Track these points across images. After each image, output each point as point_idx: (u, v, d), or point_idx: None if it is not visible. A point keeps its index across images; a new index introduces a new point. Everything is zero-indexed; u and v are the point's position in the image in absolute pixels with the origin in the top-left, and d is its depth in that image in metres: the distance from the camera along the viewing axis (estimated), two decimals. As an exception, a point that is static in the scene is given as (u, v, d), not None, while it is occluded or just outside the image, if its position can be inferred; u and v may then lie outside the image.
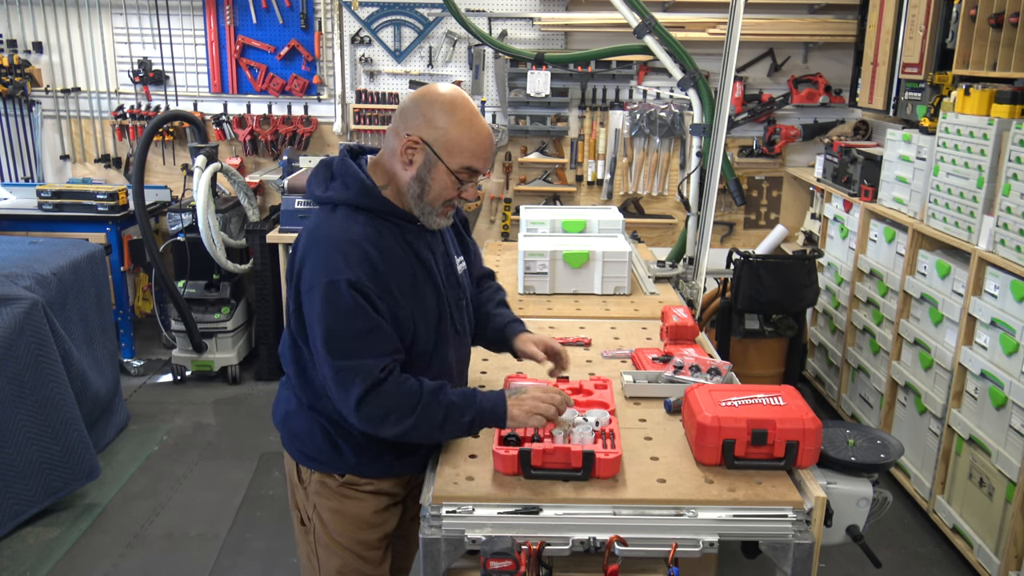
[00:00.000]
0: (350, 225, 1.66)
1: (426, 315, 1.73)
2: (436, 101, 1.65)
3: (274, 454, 3.77)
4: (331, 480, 1.82)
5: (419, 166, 1.66)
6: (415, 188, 1.68)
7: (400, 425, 1.62)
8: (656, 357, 2.25)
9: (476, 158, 1.67)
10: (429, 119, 1.65)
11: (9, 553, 3.01)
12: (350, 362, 1.60)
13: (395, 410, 1.61)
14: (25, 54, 4.96)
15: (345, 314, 1.59)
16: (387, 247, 1.67)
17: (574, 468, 1.64)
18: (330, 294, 1.58)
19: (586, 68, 4.81)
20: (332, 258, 1.60)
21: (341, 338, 1.59)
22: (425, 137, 1.65)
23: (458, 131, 1.64)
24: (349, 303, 1.58)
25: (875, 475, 1.74)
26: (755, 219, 5.22)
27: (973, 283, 2.97)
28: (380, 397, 1.60)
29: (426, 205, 1.69)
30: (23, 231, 4.43)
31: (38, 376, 3.14)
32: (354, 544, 1.85)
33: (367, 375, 1.59)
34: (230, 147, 5.09)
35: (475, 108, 1.69)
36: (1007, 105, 2.87)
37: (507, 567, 1.50)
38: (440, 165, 1.65)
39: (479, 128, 1.67)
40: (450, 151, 1.65)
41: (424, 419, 1.63)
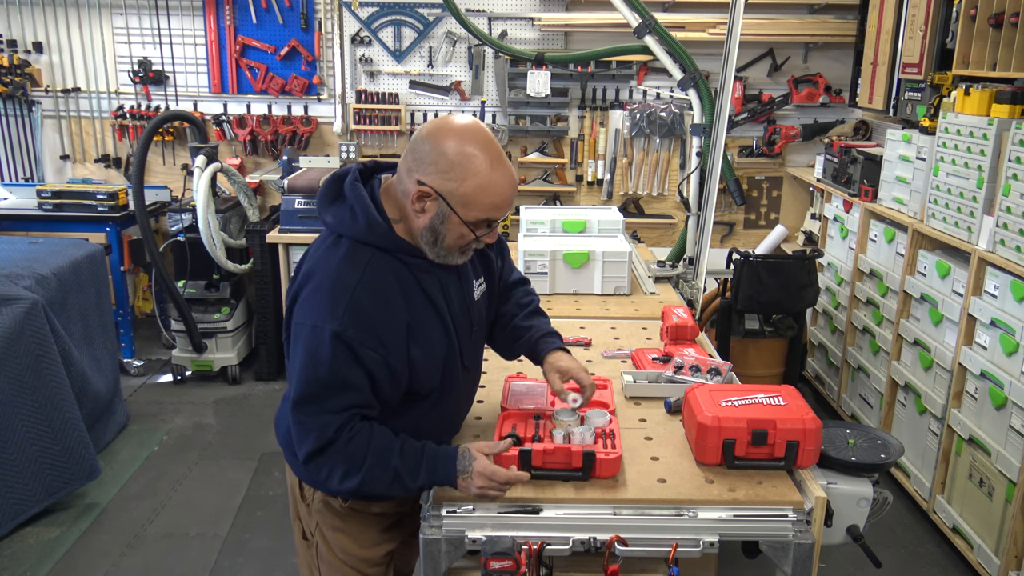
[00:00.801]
0: (350, 267, 1.55)
1: (431, 357, 1.64)
2: (451, 145, 1.50)
3: (274, 454, 3.77)
4: (335, 501, 1.77)
5: (432, 216, 1.54)
6: (428, 236, 1.56)
7: (349, 482, 1.56)
8: (656, 357, 2.25)
9: (496, 210, 1.54)
10: (443, 168, 1.50)
11: (9, 553, 3.01)
12: (310, 416, 1.53)
13: (336, 468, 1.55)
14: (25, 54, 4.96)
15: (320, 363, 1.51)
16: (387, 292, 1.56)
17: (574, 468, 1.64)
18: (312, 339, 1.51)
19: (586, 68, 4.82)
20: (323, 301, 1.52)
21: (311, 384, 1.52)
22: (438, 188, 1.50)
23: (475, 183, 1.50)
24: (327, 353, 1.50)
25: (875, 475, 1.74)
26: (755, 219, 5.22)
27: (973, 283, 2.97)
28: (327, 456, 1.54)
29: (441, 251, 1.58)
30: (23, 231, 4.43)
31: (38, 376, 3.14)
32: (356, 562, 1.83)
33: (320, 434, 1.52)
34: (230, 147, 5.09)
35: (495, 150, 1.53)
36: (1007, 105, 2.87)
37: (507, 567, 1.50)
38: (454, 217, 1.53)
39: (499, 178, 1.52)
40: (466, 205, 1.51)
41: (370, 480, 1.55)
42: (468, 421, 1.92)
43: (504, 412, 1.86)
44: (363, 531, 1.81)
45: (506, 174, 1.54)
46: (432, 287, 1.63)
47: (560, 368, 1.79)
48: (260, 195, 5.05)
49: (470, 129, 1.53)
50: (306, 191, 4.36)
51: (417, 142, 1.54)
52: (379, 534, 1.83)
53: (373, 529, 1.82)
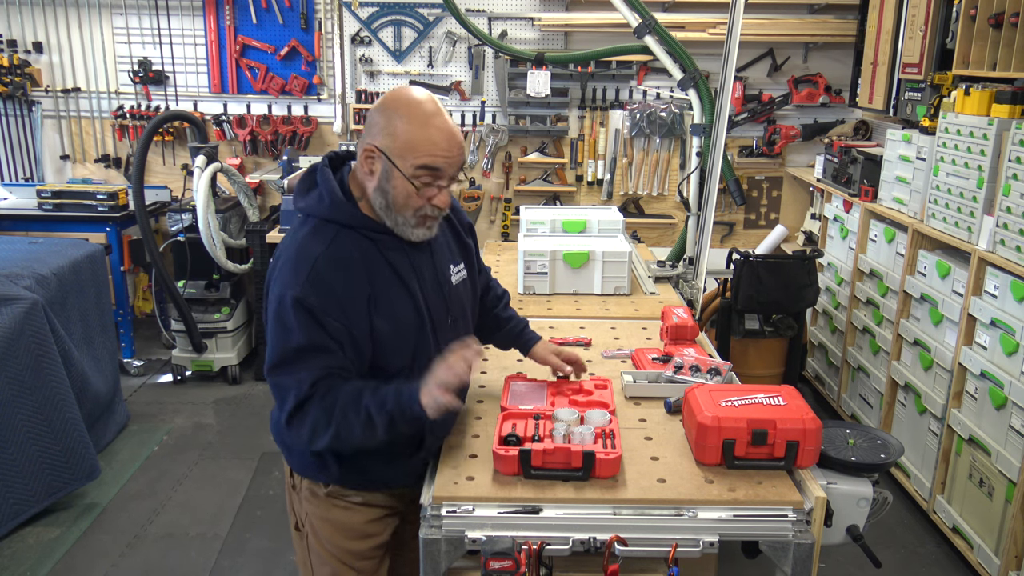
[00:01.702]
0: (312, 241, 1.62)
1: (400, 332, 1.67)
2: (391, 105, 1.61)
3: (274, 454, 3.77)
4: (318, 488, 1.80)
5: (379, 175, 1.61)
6: (379, 199, 1.63)
7: (326, 435, 1.59)
8: (656, 357, 2.25)
9: (430, 156, 1.58)
10: (383, 125, 1.60)
11: (9, 553, 3.01)
12: (283, 378, 1.59)
13: (319, 421, 1.59)
14: (25, 54, 4.96)
15: (286, 329, 1.57)
16: (349, 263, 1.61)
17: (574, 468, 1.64)
18: (277, 308, 1.59)
19: (586, 68, 4.82)
20: (286, 273, 1.60)
21: (281, 351, 1.58)
22: (380, 144, 1.60)
23: (409, 132, 1.58)
24: (291, 318, 1.56)
25: (875, 475, 1.74)
26: (755, 219, 5.22)
27: (973, 283, 2.97)
28: (308, 411, 1.58)
29: (396, 216, 1.64)
30: (23, 231, 4.44)
31: (38, 376, 3.14)
32: (343, 554, 1.83)
33: (297, 392, 1.57)
34: (230, 147, 5.09)
35: (434, 107, 1.61)
36: (1007, 105, 2.87)
37: (507, 567, 1.50)
38: (396, 172, 1.59)
39: (434, 125, 1.59)
40: (402, 154, 1.58)
41: (346, 427, 1.58)
42: (468, 421, 1.92)
43: (504, 412, 1.86)
44: (348, 522, 1.82)
45: (442, 126, 1.60)
46: (400, 263, 1.68)
47: (555, 350, 2.02)
48: (260, 195, 5.05)
49: (409, 92, 1.64)
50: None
51: (368, 115, 1.67)
52: (366, 525, 1.83)
53: (359, 520, 1.82)
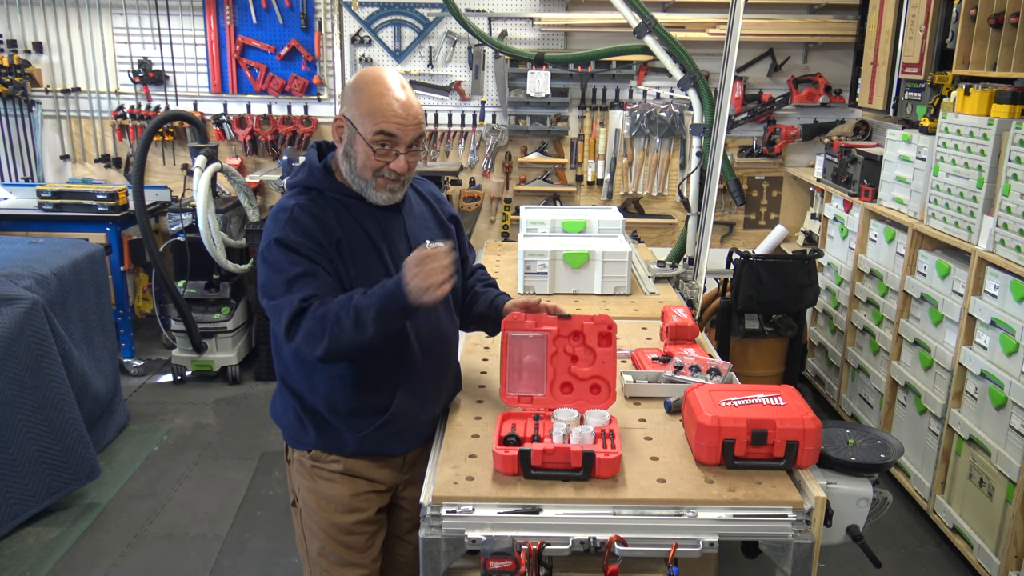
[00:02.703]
0: (290, 199, 1.81)
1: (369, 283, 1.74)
2: (359, 80, 1.77)
3: (274, 454, 3.77)
4: (305, 459, 1.91)
5: (345, 142, 1.78)
6: (345, 164, 1.80)
7: (323, 342, 1.67)
8: (656, 357, 2.25)
9: (385, 122, 1.72)
10: (349, 97, 1.77)
11: (9, 553, 3.01)
12: (277, 300, 1.72)
13: (315, 330, 1.68)
14: (25, 54, 4.96)
15: (274, 265, 1.73)
16: (321, 213, 1.78)
17: (574, 468, 1.64)
18: (264, 253, 1.76)
19: (586, 68, 4.82)
20: (268, 225, 1.79)
21: (271, 284, 1.73)
22: (345, 114, 1.77)
23: (369, 100, 1.73)
24: (277, 256, 1.73)
25: (875, 475, 1.74)
26: (755, 219, 5.22)
27: (973, 283, 2.97)
28: (303, 322, 1.69)
29: (358, 178, 1.79)
30: (23, 231, 4.43)
31: (38, 376, 3.14)
32: (329, 527, 1.90)
33: (290, 308, 1.69)
34: (230, 147, 5.09)
35: (395, 81, 1.76)
36: (1007, 105, 2.87)
37: (507, 567, 1.50)
38: (358, 137, 1.74)
39: (392, 96, 1.73)
40: (362, 121, 1.73)
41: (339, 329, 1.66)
42: (467, 421, 1.93)
43: (503, 414, 1.86)
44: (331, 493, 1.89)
45: (396, 94, 1.74)
46: (370, 225, 1.82)
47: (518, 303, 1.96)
48: (260, 195, 5.05)
49: (377, 70, 1.79)
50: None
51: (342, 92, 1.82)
52: (349, 499, 1.89)
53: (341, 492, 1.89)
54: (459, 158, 5.11)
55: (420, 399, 1.89)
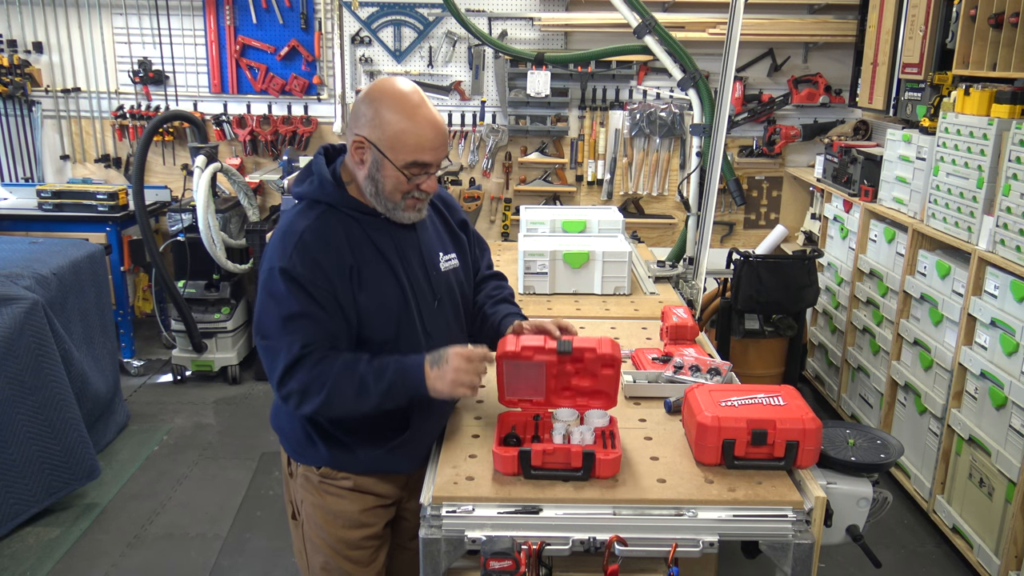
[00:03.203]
0: (299, 218, 1.71)
1: (384, 306, 1.72)
2: (379, 97, 1.66)
3: (274, 454, 3.77)
4: (312, 474, 1.85)
5: (369, 165, 1.68)
6: (369, 187, 1.71)
7: (317, 399, 1.63)
8: (656, 357, 2.25)
9: (422, 152, 1.65)
10: (371, 117, 1.65)
11: (9, 553, 3.01)
12: (272, 342, 1.65)
13: (311, 385, 1.63)
14: (25, 54, 4.96)
15: (275, 298, 1.65)
16: (332, 238, 1.69)
17: (574, 468, 1.64)
18: (266, 280, 1.67)
19: (586, 68, 4.82)
20: (274, 248, 1.69)
21: (268, 319, 1.66)
22: (369, 136, 1.66)
23: (400, 127, 1.63)
24: (280, 288, 1.64)
25: (875, 475, 1.74)
26: (755, 219, 5.22)
27: (973, 283, 2.97)
28: (298, 373, 1.63)
29: (386, 201, 1.71)
30: (23, 231, 4.43)
31: (38, 376, 3.14)
32: (336, 542, 1.85)
33: (287, 354, 1.63)
34: (230, 147, 5.09)
35: (420, 99, 1.67)
36: (1007, 105, 2.87)
37: (507, 567, 1.50)
38: (387, 163, 1.66)
39: (422, 121, 1.65)
40: (394, 148, 1.64)
41: (338, 392, 1.63)
42: (467, 421, 1.93)
43: (503, 414, 1.85)
44: (340, 509, 1.84)
45: (427, 118, 1.66)
46: (384, 243, 1.74)
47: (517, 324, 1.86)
48: (260, 195, 5.05)
49: (396, 84, 1.68)
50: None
51: (354, 104, 1.71)
52: (357, 515, 1.85)
53: (349, 508, 1.84)
54: (459, 158, 5.11)
55: (435, 416, 1.85)
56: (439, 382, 1.64)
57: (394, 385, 1.65)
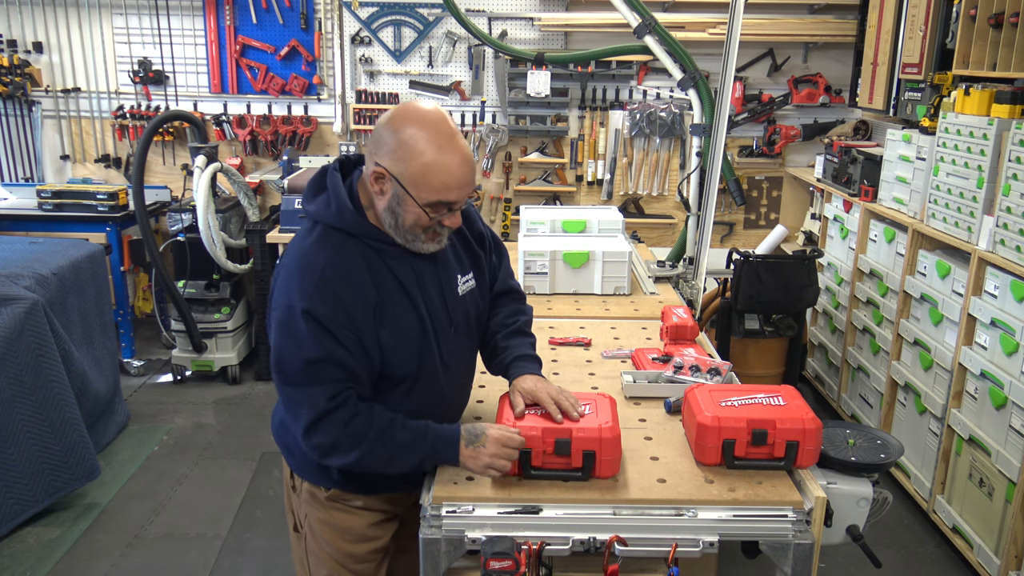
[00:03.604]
0: (319, 249, 1.59)
1: (404, 341, 1.65)
2: (404, 125, 1.54)
3: (274, 454, 3.77)
4: (319, 492, 1.80)
5: (389, 198, 1.58)
6: (389, 219, 1.61)
7: (345, 458, 1.59)
8: (656, 357, 2.25)
9: (446, 191, 1.55)
10: (395, 148, 1.54)
11: (9, 553, 3.01)
12: (296, 391, 1.57)
13: (342, 443, 1.57)
14: (25, 54, 4.96)
15: (297, 341, 1.55)
16: (355, 273, 1.59)
17: (574, 468, 1.64)
18: (285, 319, 1.56)
19: (586, 68, 4.81)
20: (292, 283, 1.57)
21: (291, 365, 1.56)
22: (391, 168, 1.54)
23: (425, 161, 1.52)
24: (302, 331, 1.54)
25: (875, 475, 1.74)
26: (755, 219, 5.22)
27: (973, 283, 2.97)
28: (327, 427, 1.56)
29: (406, 233, 1.61)
30: (23, 231, 4.43)
31: (38, 376, 3.14)
32: (342, 556, 1.83)
33: (313, 406, 1.55)
34: (230, 147, 5.08)
35: (450, 132, 1.55)
36: (1007, 105, 2.87)
37: (507, 567, 1.50)
38: (409, 199, 1.55)
39: (450, 157, 1.53)
40: (417, 186, 1.54)
41: (370, 455, 1.58)
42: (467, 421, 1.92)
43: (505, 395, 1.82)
44: (347, 525, 1.81)
45: (456, 155, 1.55)
46: (404, 273, 1.65)
47: (523, 389, 1.74)
48: (260, 195, 5.05)
49: (422, 112, 1.56)
50: (305, 192, 4.36)
51: (377, 127, 1.60)
52: (366, 529, 1.83)
53: (358, 523, 1.82)
54: (459, 158, 5.10)
55: None
56: (472, 461, 1.61)
57: (427, 457, 1.63)
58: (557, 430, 1.64)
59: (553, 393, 1.71)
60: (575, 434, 1.63)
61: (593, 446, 1.63)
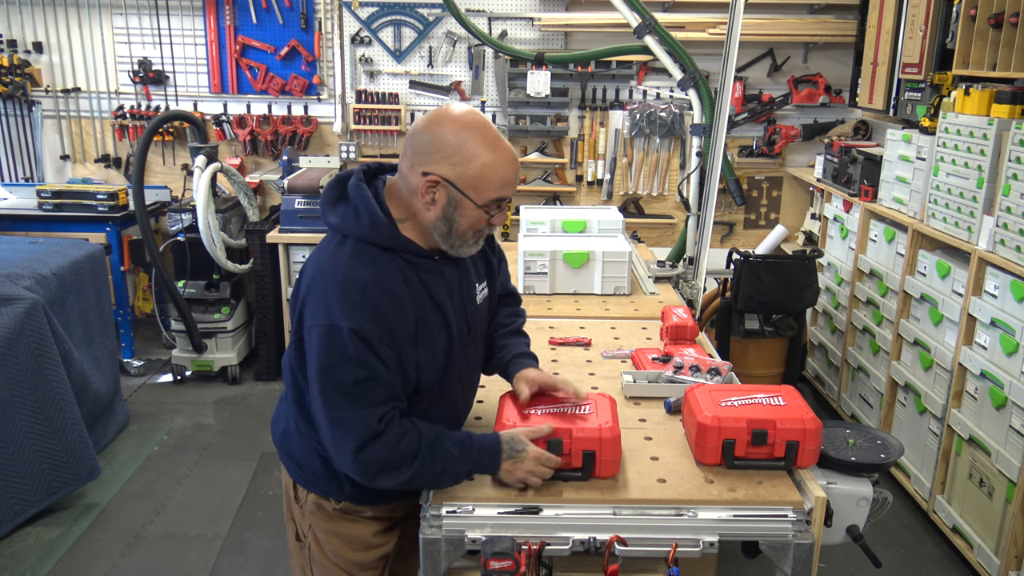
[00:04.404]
0: (358, 264, 1.54)
1: (434, 358, 1.63)
2: (451, 131, 1.51)
3: (274, 454, 3.77)
4: (327, 503, 1.77)
5: (443, 205, 1.54)
6: (442, 227, 1.57)
7: (397, 478, 1.55)
8: (656, 357, 2.25)
9: (505, 187, 1.56)
10: (447, 154, 1.51)
11: (9, 553, 3.01)
12: (345, 413, 1.51)
13: (392, 463, 1.54)
14: (25, 54, 4.96)
15: (344, 361, 1.49)
16: (396, 290, 1.55)
17: (574, 468, 1.64)
18: (330, 338, 1.49)
19: (586, 68, 4.81)
20: (335, 300, 1.50)
21: (338, 385, 1.50)
22: (446, 175, 1.51)
23: (482, 163, 1.51)
24: (349, 351, 1.48)
25: (875, 475, 1.74)
26: (755, 219, 5.22)
27: (973, 283, 2.97)
28: (377, 450, 1.52)
29: (455, 240, 1.59)
30: (23, 231, 4.43)
31: (38, 376, 3.14)
32: (349, 565, 1.82)
33: (363, 428, 1.50)
34: (230, 147, 5.09)
35: (495, 131, 1.55)
36: (1007, 105, 2.87)
37: (507, 567, 1.50)
38: (467, 202, 1.53)
39: (503, 154, 1.54)
40: (476, 187, 1.53)
41: (421, 472, 1.56)
42: (468, 422, 1.92)
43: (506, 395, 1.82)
44: (356, 534, 1.81)
45: (508, 151, 1.56)
46: (437, 287, 1.63)
47: (527, 378, 1.76)
48: (260, 195, 5.05)
49: (464, 114, 1.55)
50: (306, 191, 4.37)
51: (415, 136, 1.55)
52: (372, 537, 1.82)
53: (366, 532, 1.81)
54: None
55: None
56: (508, 475, 1.60)
57: (472, 469, 1.62)
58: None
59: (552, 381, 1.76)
60: (574, 434, 1.63)
61: (593, 446, 1.63)
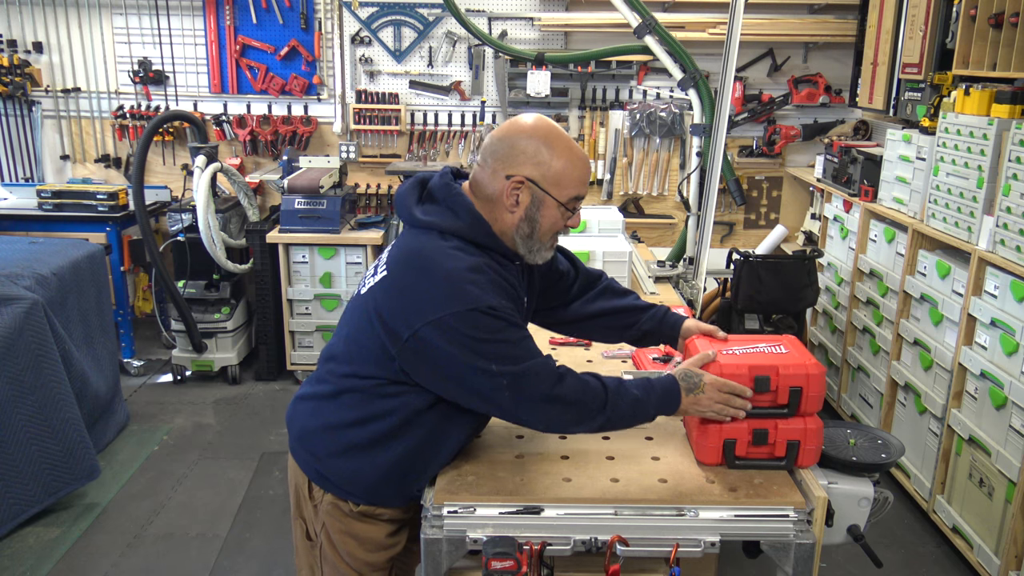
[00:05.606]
0: (466, 256, 1.59)
1: None
2: (530, 136, 1.63)
3: (274, 454, 3.77)
4: (344, 505, 1.77)
5: (527, 206, 1.63)
6: (524, 228, 1.65)
7: (591, 423, 1.61)
8: (656, 357, 2.25)
9: (582, 185, 1.67)
10: (530, 156, 1.62)
11: (9, 553, 3.01)
12: (523, 365, 1.55)
13: (584, 408, 1.59)
14: (25, 54, 4.95)
15: (496, 333, 1.53)
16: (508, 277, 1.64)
17: (780, 405, 1.66)
18: (472, 321, 1.51)
19: (586, 68, 4.82)
20: (454, 289, 1.53)
21: (501, 352, 1.54)
22: (530, 175, 1.62)
23: (561, 162, 1.62)
24: (496, 324, 1.53)
25: (876, 475, 1.74)
26: (755, 219, 5.22)
27: (973, 283, 2.97)
28: (566, 395, 1.57)
29: (535, 242, 1.68)
30: (23, 231, 4.43)
31: (38, 376, 3.14)
32: (360, 565, 1.83)
33: (547, 369, 1.57)
34: (230, 147, 5.08)
35: (567, 135, 1.67)
36: (1007, 105, 2.87)
37: (509, 567, 1.50)
38: (549, 200, 1.63)
39: (578, 155, 1.66)
40: (558, 184, 1.63)
41: (615, 416, 1.61)
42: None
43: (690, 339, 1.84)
44: (371, 536, 1.81)
45: (580, 152, 1.68)
46: (518, 287, 1.72)
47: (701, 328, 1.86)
48: (260, 195, 5.05)
49: (538, 122, 1.66)
50: (306, 191, 4.37)
51: (493, 145, 1.66)
52: (385, 538, 1.83)
53: (380, 534, 1.81)
54: (459, 158, 5.11)
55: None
56: (694, 408, 1.65)
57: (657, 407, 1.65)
58: (760, 367, 1.66)
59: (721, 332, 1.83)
60: (781, 371, 1.64)
61: (800, 382, 1.64)
